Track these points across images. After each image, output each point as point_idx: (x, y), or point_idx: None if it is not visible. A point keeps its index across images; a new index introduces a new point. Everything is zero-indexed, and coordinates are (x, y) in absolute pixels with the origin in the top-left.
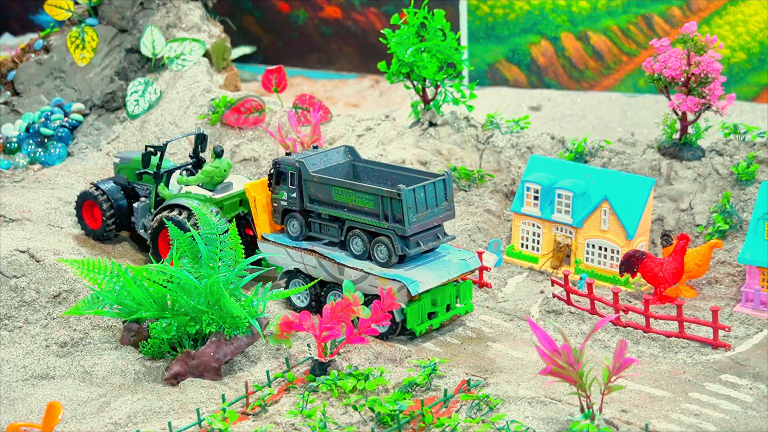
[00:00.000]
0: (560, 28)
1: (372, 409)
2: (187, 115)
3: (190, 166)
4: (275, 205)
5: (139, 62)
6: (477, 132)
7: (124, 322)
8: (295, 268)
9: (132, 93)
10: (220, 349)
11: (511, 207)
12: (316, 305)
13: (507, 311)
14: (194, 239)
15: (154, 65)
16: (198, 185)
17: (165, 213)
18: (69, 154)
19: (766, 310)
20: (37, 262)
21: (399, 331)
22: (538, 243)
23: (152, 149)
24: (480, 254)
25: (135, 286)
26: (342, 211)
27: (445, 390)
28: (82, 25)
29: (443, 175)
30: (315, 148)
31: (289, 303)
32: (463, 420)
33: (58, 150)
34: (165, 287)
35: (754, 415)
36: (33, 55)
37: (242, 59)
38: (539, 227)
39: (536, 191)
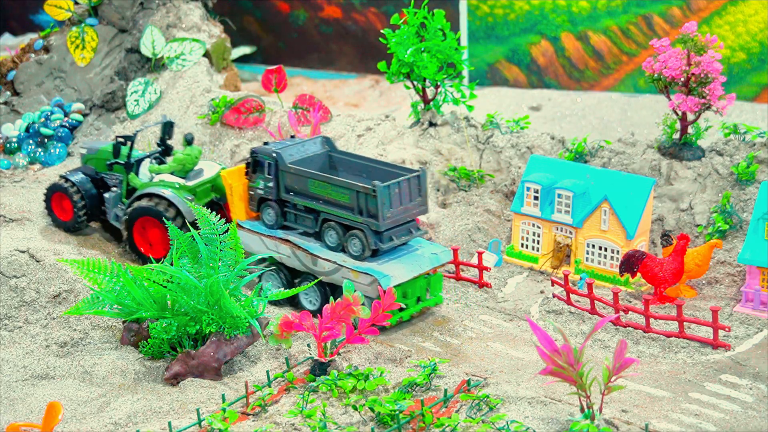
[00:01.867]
0: (560, 28)
1: (372, 409)
2: (187, 115)
3: (158, 154)
4: (251, 193)
5: (139, 62)
6: (477, 132)
7: (124, 322)
8: (269, 257)
9: (132, 93)
10: (220, 349)
11: (511, 207)
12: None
13: (507, 311)
14: (194, 239)
15: (154, 65)
16: (170, 173)
17: (139, 202)
18: (69, 154)
19: (766, 310)
20: (37, 262)
21: None
22: (538, 243)
23: (122, 139)
24: (480, 254)
25: (135, 286)
26: (317, 203)
27: (445, 390)
28: (82, 25)
29: (418, 171)
30: (292, 137)
31: (277, 302)
32: (463, 420)
33: (58, 150)
34: (165, 287)
35: (754, 415)
36: (33, 55)
37: (242, 59)
38: (539, 227)
39: (536, 191)
